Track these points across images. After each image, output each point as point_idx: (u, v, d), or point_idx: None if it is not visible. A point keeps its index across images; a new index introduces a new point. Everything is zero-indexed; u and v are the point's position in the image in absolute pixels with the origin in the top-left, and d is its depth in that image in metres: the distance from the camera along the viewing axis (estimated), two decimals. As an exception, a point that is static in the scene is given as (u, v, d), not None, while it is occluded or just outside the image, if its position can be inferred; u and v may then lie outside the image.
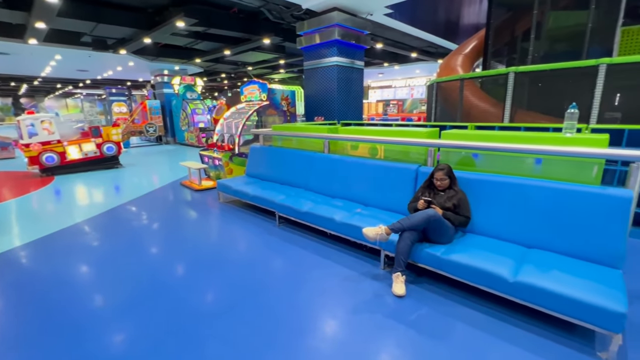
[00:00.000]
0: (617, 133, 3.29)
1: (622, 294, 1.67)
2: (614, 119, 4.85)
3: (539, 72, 5.24)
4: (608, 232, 1.97)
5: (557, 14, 6.63)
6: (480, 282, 2.09)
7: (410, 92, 21.30)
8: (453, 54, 8.80)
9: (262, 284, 2.50)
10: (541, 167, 2.43)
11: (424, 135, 3.01)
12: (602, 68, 4.41)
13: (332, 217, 3.03)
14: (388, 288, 2.37)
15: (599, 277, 1.82)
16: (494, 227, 2.46)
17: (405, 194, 2.97)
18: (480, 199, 2.53)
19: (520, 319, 2.01)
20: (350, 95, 7.52)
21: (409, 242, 2.31)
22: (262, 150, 4.74)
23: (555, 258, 2.08)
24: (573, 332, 1.89)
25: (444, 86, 7.03)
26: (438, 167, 2.55)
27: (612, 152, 2.01)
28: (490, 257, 2.12)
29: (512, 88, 5.30)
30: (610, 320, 1.60)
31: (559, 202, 2.17)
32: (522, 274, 1.92)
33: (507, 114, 5.42)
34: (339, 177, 3.61)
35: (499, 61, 8.35)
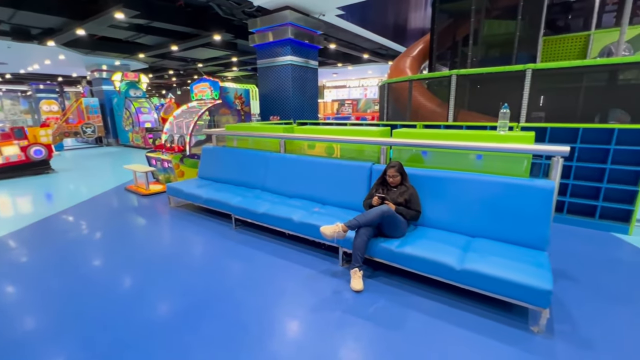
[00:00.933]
0: (541, 131, 3.71)
1: (548, 273, 1.89)
2: (539, 118, 5.47)
3: (477, 75, 5.71)
4: (536, 218, 2.21)
5: (490, 23, 7.29)
6: (431, 272, 2.23)
7: (363, 92, 21.97)
8: (402, 56, 9.25)
9: (219, 290, 2.40)
10: (482, 162, 2.66)
11: (377, 134, 3.12)
12: (528, 73, 4.94)
13: (290, 217, 3.02)
14: (347, 284, 2.42)
15: (529, 259, 2.04)
16: (442, 219, 2.63)
17: (361, 191, 3.06)
18: (429, 193, 2.69)
19: (467, 303, 2.18)
20: (305, 95, 7.55)
21: (365, 238, 2.38)
22: (215, 151, 4.55)
23: (495, 245, 2.29)
24: (511, 311, 2.09)
25: (394, 87, 7.36)
26: (390, 165, 2.66)
27: (537, 148, 2.27)
28: (439, 248, 2.26)
29: (454, 89, 5.71)
30: (539, 297, 1.80)
31: (495, 193, 2.39)
32: (467, 262, 2.08)
33: (451, 113, 5.83)
34: (296, 176, 3.60)
35: (443, 64, 8.96)
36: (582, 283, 2.42)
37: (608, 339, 1.84)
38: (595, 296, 2.26)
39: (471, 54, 6.99)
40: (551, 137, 3.66)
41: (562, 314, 2.07)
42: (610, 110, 5.06)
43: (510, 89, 5.26)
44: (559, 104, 5.48)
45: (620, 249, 3.01)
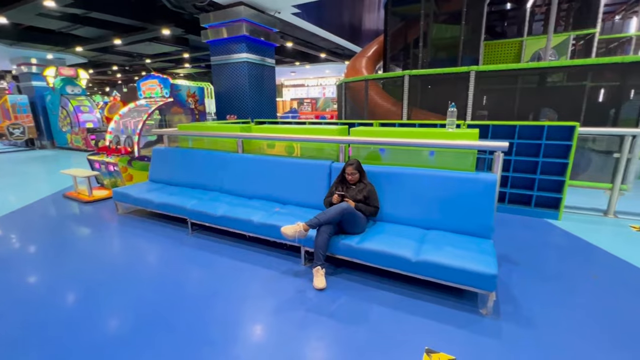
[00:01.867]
0: (485, 128, 4.02)
1: (493, 259, 2.05)
2: (483, 116, 5.93)
3: (427, 76, 6.03)
4: (481, 209, 2.39)
5: (439, 27, 7.74)
6: (390, 265, 2.31)
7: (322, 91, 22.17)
8: (358, 56, 9.48)
9: (177, 299, 2.27)
10: (435, 158, 2.81)
11: (335, 133, 3.15)
12: (472, 74, 5.32)
13: (250, 219, 2.94)
14: (309, 283, 2.42)
15: (476, 247, 2.20)
16: (399, 214, 2.74)
17: (321, 189, 3.08)
18: (387, 189, 2.78)
19: (424, 292, 2.30)
20: (263, 93, 7.41)
21: (326, 236, 2.39)
22: (167, 152, 4.29)
23: (447, 236, 2.43)
24: (462, 296, 2.24)
25: (351, 86, 7.52)
26: (348, 163, 2.70)
27: (481, 144, 2.45)
28: (396, 242, 2.35)
29: (407, 89, 5.98)
30: (486, 282, 1.95)
31: (446, 187, 2.54)
32: (422, 253, 2.19)
33: (405, 112, 6.10)
34: (256, 177, 3.52)
35: (396, 65, 9.34)
36: (521, 266, 2.67)
37: (545, 314, 2.05)
38: (533, 276, 2.50)
39: (421, 55, 7.36)
40: (493, 134, 3.98)
41: (506, 295, 2.27)
42: (541, 109, 5.64)
43: (458, 89, 5.63)
44: (499, 103, 5.99)
45: (552, 234, 3.37)
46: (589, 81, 5.16)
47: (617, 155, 3.67)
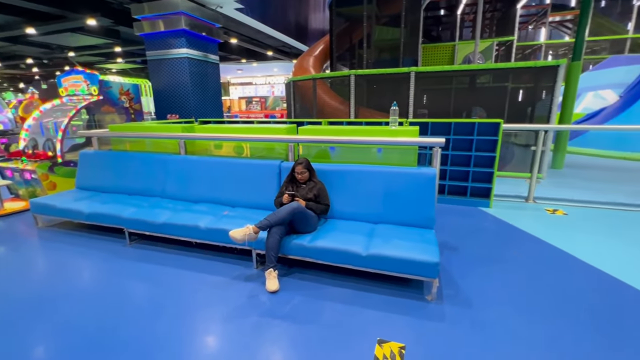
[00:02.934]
0: (425, 125, 4.29)
1: (435, 248, 2.20)
2: (423, 114, 6.34)
3: (372, 76, 6.26)
4: (423, 201, 2.55)
5: (380, 29, 8.08)
6: (342, 261, 2.35)
7: (271, 90, 21.85)
8: (305, 55, 9.50)
9: (116, 319, 2.05)
10: (382, 155, 2.92)
11: (283, 132, 3.11)
12: (412, 75, 5.64)
13: (196, 225, 2.78)
14: (262, 286, 2.36)
15: (420, 238, 2.34)
16: (349, 210, 2.80)
17: (271, 190, 3.02)
18: (336, 187, 2.82)
19: (375, 284, 2.38)
20: (207, 91, 7.06)
21: (277, 237, 2.35)
22: (98, 156, 3.87)
23: (394, 229, 2.55)
24: (410, 285, 2.36)
25: (299, 85, 7.51)
26: (297, 162, 2.69)
27: (421, 140, 2.61)
28: (347, 238, 2.40)
29: (354, 88, 6.14)
30: (430, 270, 2.08)
31: (391, 182, 2.66)
32: (372, 248, 2.26)
33: (352, 110, 6.27)
34: (202, 179, 3.34)
35: (343, 64, 9.54)
36: (460, 251, 2.91)
37: (480, 294, 2.25)
38: (470, 260, 2.73)
39: (366, 56, 7.62)
40: (432, 131, 4.27)
41: (448, 280, 2.44)
42: (472, 108, 6.19)
43: (400, 88, 5.93)
44: (437, 102, 6.43)
45: (484, 220, 3.72)
46: (510, 83, 5.80)
47: (533, 148, 4.17)
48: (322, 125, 4.57)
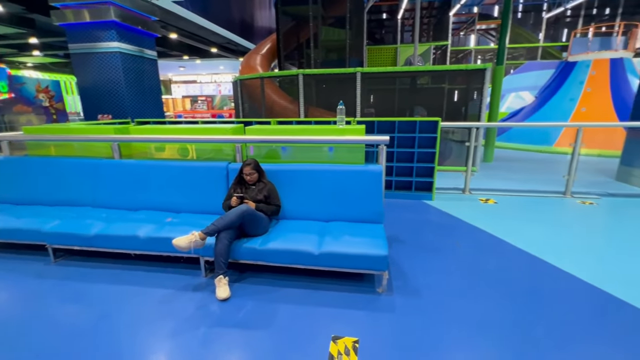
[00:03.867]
0: (372, 124, 4.46)
1: (384, 242, 2.28)
2: (371, 113, 6.58)
3: (320, 75, 6.32)
4: (371, 197, 2.64)
5: (327, 29, 8.20)
6: (295, 262, 2.33)
7: (218, 89, 20.98)
8: (252, 53, 9.28)
9: (38, 350, 1.78)
10: (334, 154, 2.95)
11: (229, 132, 2.99)
12: (358, 75, 5.82)
13: (134, 235, 2.54)
14: (212, 295, 2.25)
15: (370, 233, 2.42)
16: (301, 209, 2.79)
17: (219, 193, 2.88)
18: (287, 187, 2.79)
19: (329, 282, 2.40)
20: (144, 90, 6.52)
21: (226, 242, 2.25)
22: (10, 163, 3.35)
23: (345, 226, 2.59)
24: (362, 280, 2.43)
25: (247, 83, 7.31)
26: (245, 163, 2.60)
27: (366, 138, 2.69)
28: (299, 238, 2.38)
29: (302, 88, 6.15)
30: (379, 263, 2.16)
31: (341, 180, 2.70)
32: (323, 246, 2.27)
33: (301, 110, 6.27)
34: (140, 185, 3.07)
35: (292, 63, 9.51)
36: (407, 243, 3.07)
37: (427, 282, 2.40)
38: (417, 251, 2.90)
39: (313, 55, 7.68)
40: (378, 129, 4.45)
41: (397, 271, 2.56)
42: (414, 107, 6.58)
43: (348, 88, 6.08)
44: (383, 101, 6.73)
45: (428, 212, 3.98)
46: (446, 84, 6.28)
47: (468, 144, 4.57)
48: (271, 125, 4.50)
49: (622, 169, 5.25)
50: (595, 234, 3.29)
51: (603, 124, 6.93)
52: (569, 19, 18.27)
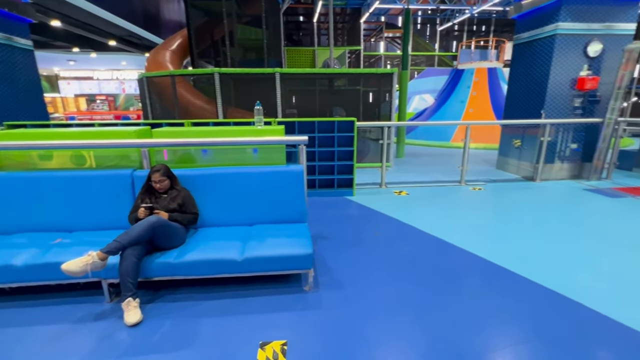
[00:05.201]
0: (292, 124, 4.48)
1: (308, 240, 2.32)
2: (293, 114, 6.62)
3: (239, 75, 6.11)
4: (294, 197, 2.65)
5: (243, 28, 7.96)
6: (217, 271, 2.19)
7: (121, 87, 18.57)
8: (160, 49, 8.46)
9: None
10: (252, 155, 2.86)
11: (132, 135, 2.66)
12: (277, 76, 5.80)
13: (8, 264, 2.06)
14: (120, 321, 1.97)
15: (294, 233, 2.43)
16: (223, 215, 2.65)
17: (124, 205, 2.54)
18: (206, 192, 2.61)
19: (256, 288, 2.33)
20: (16, 86, 5.36)
21: (134, 259, 1.99)
22: None
23: (269, 228, 2.54)
24: (289, 280, 2.42)
25: (156, 82, 6.63)
26: (154, 169, 2.35)
27: (285, 139, 2.69)
28: (221, 245, 2.25)
29: (219, 87, 5.85)
30: (304, 262, 2.19)
31: (263, 182, 2.65)
32: (247, 251, 2.19)
33: (220, 110, 5.97)
34: (16, 202, 2.51)
35: (208, 62, 8.96)
36: (331, 239, 3.18)
37: (351, 274, 2.52)
38: (340, 245, 3.02)
39: (230, 54, 7.38)
40: (300, 129, 4.50)
41: (323, 267, 2.63)
42: (333, 108, 6.86)
43: (268, 88, 6.01)
44: (305, 102, 6.83)
45: (350, 207, 4.19)
46: (361, 86, 6.71)
47: (381, 141, 4.95)
48: (185, 127, 4.17)
49: (500, 159, 6.36)
50: (484, 215, 3.91)
51: (484, 122, 8.31)
52: (457, 33, 21.40)
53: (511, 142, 5.95)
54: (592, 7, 4.81)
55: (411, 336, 1.87)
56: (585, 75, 4.99)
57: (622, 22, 4.91)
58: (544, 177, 5.37)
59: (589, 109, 5.22)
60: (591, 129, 5.29)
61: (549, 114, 5.17)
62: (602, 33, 4.91)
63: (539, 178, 5.30)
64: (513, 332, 1.89)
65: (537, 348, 1.76)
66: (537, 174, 5.30)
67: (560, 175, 5.47)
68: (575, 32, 4.87)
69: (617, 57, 4.93)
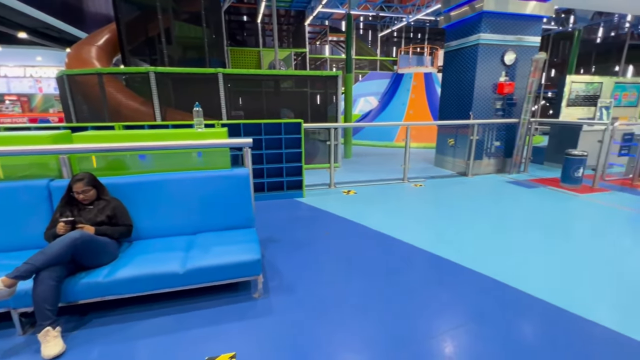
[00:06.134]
0: (237, 127, 4.33)
1: (256, 245, 2.25)
2: (240, 115, 6.41)
3: (178, 75, 5.74)
4: (241, 202, 2.55)
5: (181, 25, 7.50)
6: (156, 287, 2.01)
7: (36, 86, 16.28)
8: (83, 44, 7.61)
9: None
10: (195, 160, 2.68)
11: (47, 141, 2.33)
12: (220, 76, 5.57)
13: None
14: (37, 356, 1.70)
15: (241, 239, 2.34)
16: (162, 226, 2.44)
17: (40, 220, 2.21)
18: (142, 201, 2.39)
19: (201, 300, 2.18)
20: None
21: (51, 283, 1.73)
22: None
23: (214, 236, 2.42)
24: (237, 289, 2.32)
25: (79, 80, 5.92)
26: (76, 178, 2.08)
27: (229, 142, 2.58)
28: (160, 258, 2.08)
29: (155, 87, 5.43)
30: (252, 268, 2.11)
31: (206, 187, 2.51)
32: (190, 262, 2.05)
33: (157, 112, 5.55)
34: None
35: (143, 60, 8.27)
36: (282, 242, 3.13)
37: (302, 277, 2.50)
38: (291, 248, 2.99)
39: (167, 52, 6.91)
40: (246, 132, 4.37)
41: (273, 272, 2.57)
42: (281, 109, 6.80)
43: (211, 89, 5.74)
44: (252, 104, 6.66)
45: (300, 209, 4.18)
46: (308, 88, 6.75)
47: (329, 142, 5.03)
48: (115, 131, 3.80)
49: (437, 157, 6.88)
50: (424, 209, 4.18)
51: (422, 123, 8.94)
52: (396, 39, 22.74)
53: (446, 142, 6.47)
54: (506, 20, 5.45)
55: (362, 331, 1.91)
56: (504, 80, 5.64)
57: (530, 36, 5.65)
58: (475, 172, 5.93)
59: (508, 110, 5.91)
60: (510, 128, 5.99)
61: (476, 115, 5.72)
62: (515, 44, 5.59)
63: (470, 173, 5.84)
64: (451, 316, 2.04)
65: (471, 329, 1.92)
66: (469, 169, 5.84)
67: (487, 170, 6.10)
68: (494, 42, 5.48)
69: (527, 66, 5.65)
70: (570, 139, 6.19)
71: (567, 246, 3.02)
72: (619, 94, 6.77)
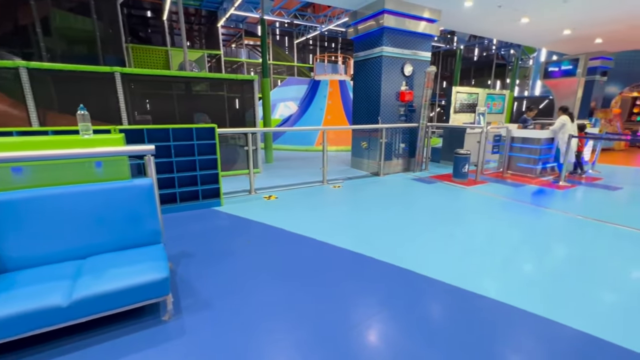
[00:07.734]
0: (140, 132, 3.89)
1: (163, 262, 2.04)
2: (146, 120, 5.76)
3: (62, 72, 4.87)
4: (144, 216, 2.29)
5: (63, 14, 6.42)
6: (30, 328, 1.65)
7: None
8: None
9: None
10: (87, 172, 2.29)
11: None
12: (117, 76, 4.93)
13: None
14: None
15: (145, 257, 2.09)
16: (38, 252, 2.02)
17: None
18: (11, 225, 1.94)
19: (95, 333, 1.88)
20: None
21: None
22: None
23: (112, 257, 2.11)
24: (143, 314, 2.07)
25: None
26: None
27: (126, 149, 2.29)
28: (35, 292, 1.71)
29: (29, 86, 4.52)
30: (159, 288, 1.91)
31: (99, 202, 2.17)
32: (77, 291, 1.75)
33: (33, 116, 4.62)
34: None
35: (13, 53, 6.81)
36: (197, 256, 2.91)
37: (220, 291, 2.36)
38: (208, 261, 2.80)
39: (45, 45, 5.83)
40: (150, 138, 3.95)
41: (186, 289, 2.37)
42: (195, 114, 6.36)
43: (108, 90, 5.03)
44: (162, 108, 6.06)
45: (218, 218, 3.96)
46: (225, 92, 6.46)
47: (247, 148, 4.90)
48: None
49: (353, 159, 7.33)
50: (342, 209, 4.40)
51: (337, 127, 9.44)
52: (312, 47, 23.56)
53: (360, 144, 6.95)
54: (403, 37, 6.15)
55: (288, 334, 1.89)
56: (404, 89, 6.34)
57: (423, 51, 6.48)
58: (386, 172, 6.51)
59: (410, 116, 6.66)
60: (412, 131, 6.75)
61: (384, 119, 6.29)
62: (411, 57, 6.35)
63: (382, 173, 6.39)
64: (369, 306, 2.18)
65: (388, 315, 2.08)
66: (381, 169, 6.37)
67: (396, 169, 6.75)
68: (394, 55, 6.12)
69: (423, 77, 6.46)
70: (458, 140, 7.29)
71: (459, 231, 3.54)
72: (490, 103, 8.28)
